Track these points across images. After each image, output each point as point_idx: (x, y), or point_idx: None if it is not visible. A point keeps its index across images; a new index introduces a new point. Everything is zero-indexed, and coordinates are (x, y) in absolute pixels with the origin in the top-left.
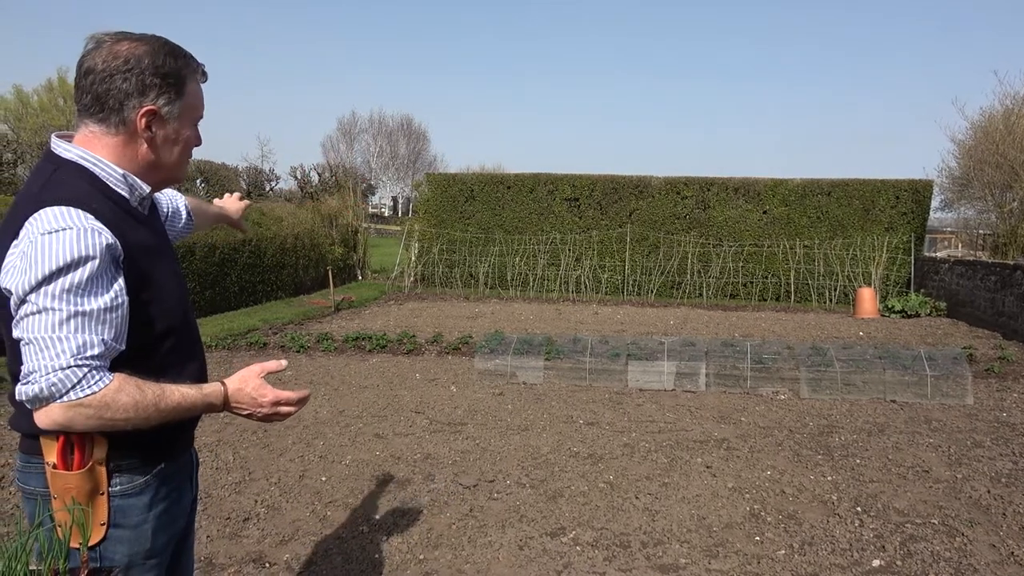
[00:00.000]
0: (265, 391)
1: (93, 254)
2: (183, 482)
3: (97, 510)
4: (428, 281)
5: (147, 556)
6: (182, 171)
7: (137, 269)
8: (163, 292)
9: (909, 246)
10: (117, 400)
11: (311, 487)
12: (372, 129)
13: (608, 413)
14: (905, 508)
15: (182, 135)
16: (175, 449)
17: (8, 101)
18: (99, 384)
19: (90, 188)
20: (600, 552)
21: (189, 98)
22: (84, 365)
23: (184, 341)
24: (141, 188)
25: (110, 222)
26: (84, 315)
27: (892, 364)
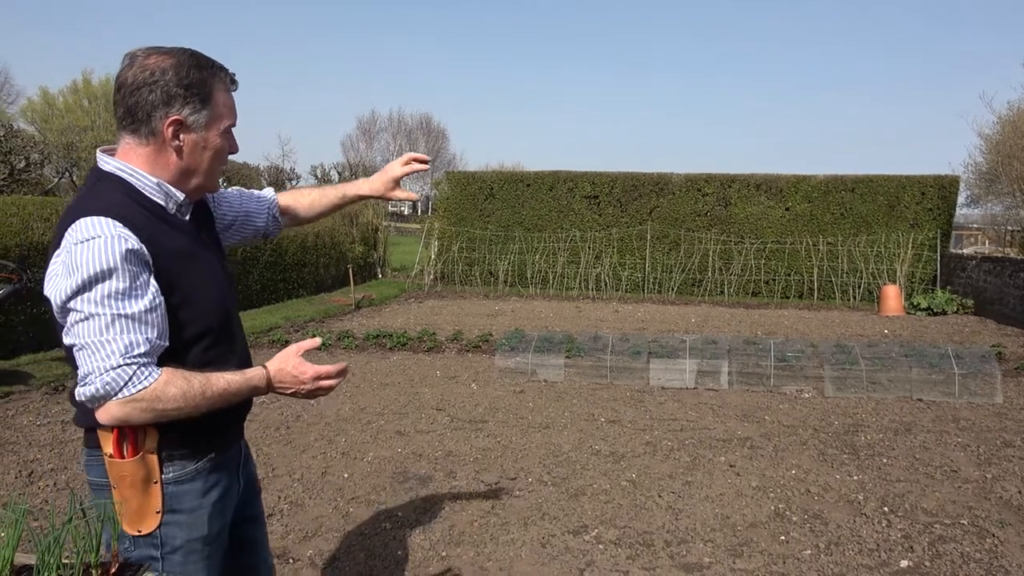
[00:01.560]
0: (305, 368)
1: (118, 262)
2: (232, 473)
3: (152, 498)
4: (448, 279)
5: (204, 542)
6: (214, 179)
7: (167, 273)
8: (196, 295)
9: (935, 243)
10: (166, 392)
11: (333, 484)
12: (392, 128)
13: (630, 411)
14: (933, 508)
15: (211, 142)
16: (224, 440)
17: (35, 103)
18: (149, 380)
19: (124, 198)
20: (623, 550)
21: (215, 107)
22: (132, 363)
23: (224, 339)
24: (176, 195)
25: (140, 229)
26: (127, 318)
27: (918, 362)
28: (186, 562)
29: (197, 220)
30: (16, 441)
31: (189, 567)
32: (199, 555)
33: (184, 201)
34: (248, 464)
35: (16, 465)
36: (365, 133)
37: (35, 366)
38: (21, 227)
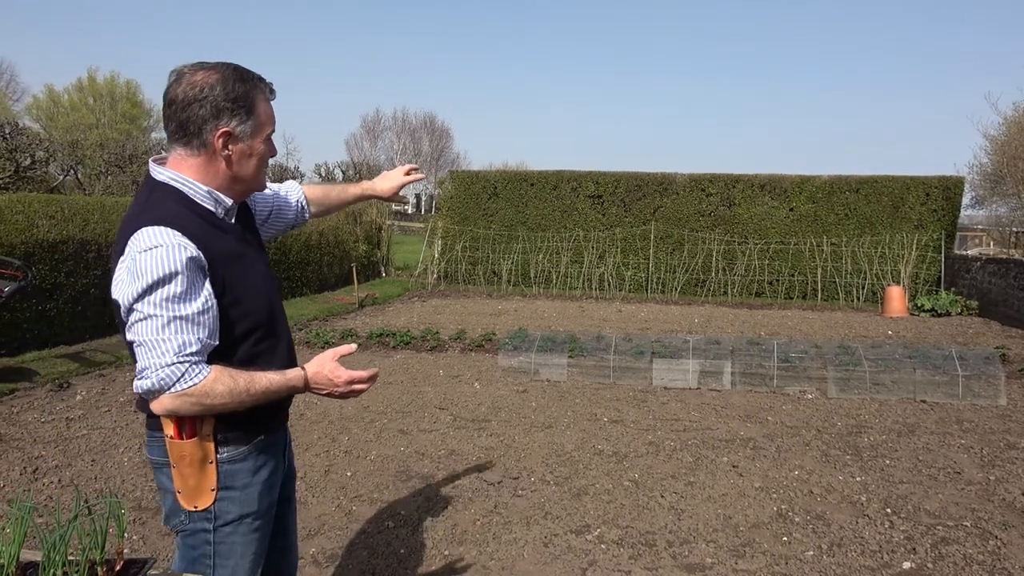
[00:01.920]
0: (340, 372)
1: (180, 268)
2: (278, 454)
3: (208, 477)
4: (451, 278)
5: (255, 517)
6: (260, 180)
7: (220, 276)
8: (246, 294)
9: (939, 244)
10: (214, 389)
11: (336, 482)
12: (396, 127)
13: (632, 411)
14: (936, 510)
15: (256, 149)
16: (272, 424)
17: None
18: (199, 377)
19: (179, 207)
20: (625, 550)
21: (259, 117)
22: (185, 361)
23: (271, 334)
24: (225, 201)
25: (196, 236)
26: (182, 319)
27: (922, 363)
28: (235, 533)
29: (241, 222)
30: (21, 438)
31: (238, 538)
32: (248, 528)
33: (231, 206)
34: (289, 448)
35: (21, 462)
36: (369, 132)
37: (40, 363)
38: (26, 224)
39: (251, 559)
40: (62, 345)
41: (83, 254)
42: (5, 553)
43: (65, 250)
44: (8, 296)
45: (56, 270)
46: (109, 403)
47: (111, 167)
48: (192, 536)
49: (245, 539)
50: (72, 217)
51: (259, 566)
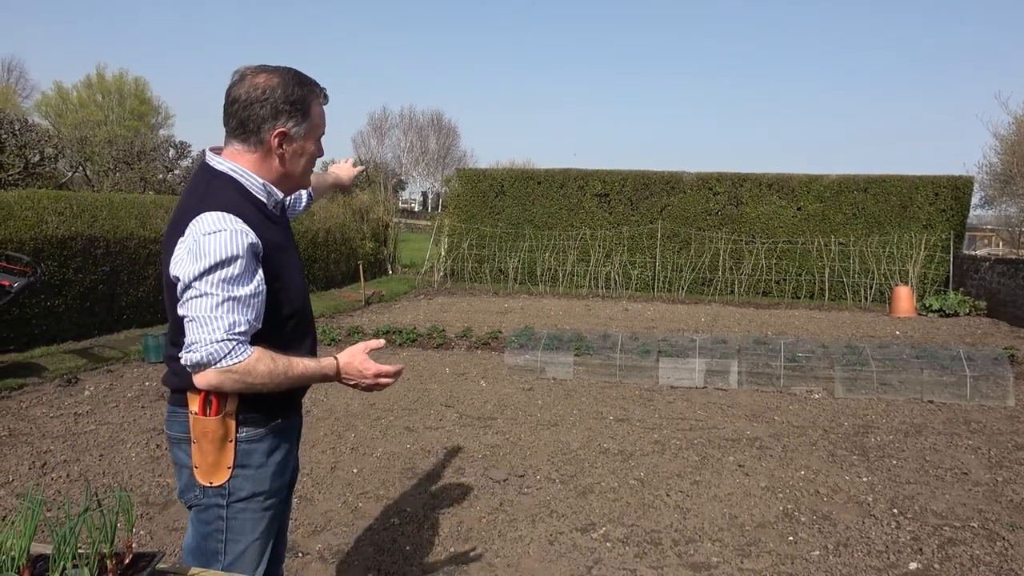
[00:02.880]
0: (369, 365)
1: (241, 252)
2: (293, 439)
3: (226, 454)
4: (457, 276)
5: (266, 496)
6: (307, 178)
7: (271, 263)
8: (290, 283)
9: (948, 244)
10: (256, 368)
11: (343, 478)
12: (403, 124)
13: (638, 410)
14: (943, 510)
15: (307, 150)
16: (289, 409)
17: (49, 97)
18: (244, 355)
19: (238, 196)
20: (631, 549)
21: (313, 119)
22: (233, 339)
23: (304, 321)
24: (276, 194)
25: (253, 224)
26: (235, 300)
27: (930, 364)
28: (246, 510)
29: (284, 214)
30: (30, 432)
31: (249, 516)
32: (259, 507)
33: (281, 199)
34: (300, 438)
35: (30, 456)
36: (376, 130)
37: (48, 359)
38: (36, 220)
39: (261, 540)
40: (70, 341)
41: (91, 250)
42: (16, 546)
43: (74, 246)
44: (17, 292)
45: (65, 266)
46: (117, 399)
47: (119, 164)
48: (206, 511)
49: (255, 516)
50: (81, 214)
51: (267, 547)
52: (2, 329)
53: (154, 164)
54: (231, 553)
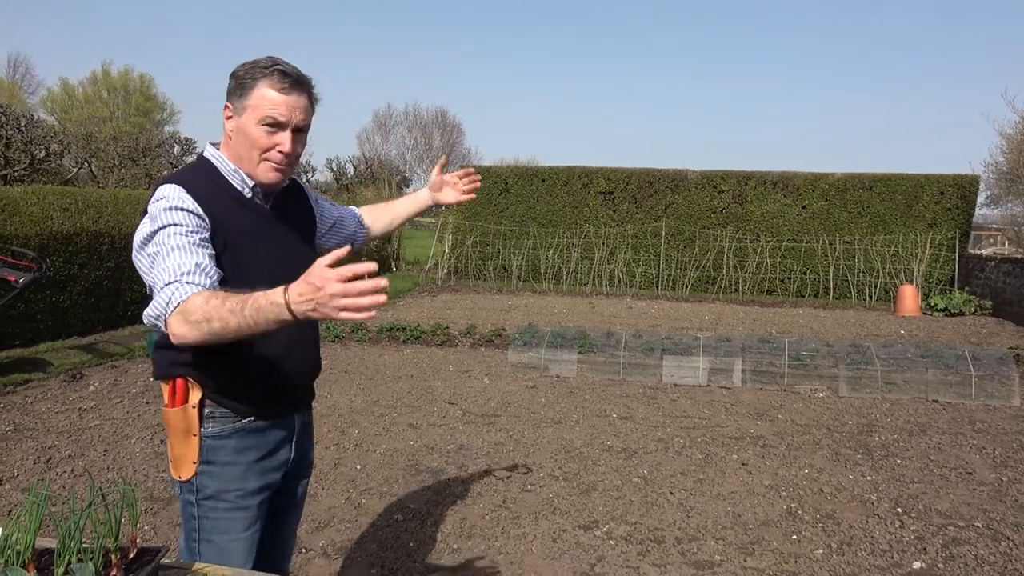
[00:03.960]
0: (327, 273)
1: (177, 214)
2: (281, 441)
3: (191, 449)
4: (461, 273)
5: (236, 495)
6: (261, 170)
7: (222, 241)
8: (246, 270)
9: (953, 243)
10: (193, 303)
11: (346, 475)
12: (407, 122)
13: (642, 408)
14: (947, 510)
15: (247, 131)
16: (268, 407)
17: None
18: (186, 294)
19: (199, 175)
20: (634, 546)
21: (250, 99)
22: (176, 281)
23: None
24: (247, 181)
25: (203, 199)
26: (179, 248)
27: (935, 363)
28: (216, 508)
29: (281, 210)
30: (34, 427)
31: (220, 514)
32: (230, 505)
33: (253, 186)
34: (304, 441)
35: (34, 451)
36: (381, 127)
37: (53, 354)
38: (41, 216)
39: (240, 543)
40: (75, 336)
41: (96, 246)
42: (22, 540)
43: (79, 242)
44: (23, 287)
45: (70, 262)
46: (121, 394)
47: (125, 160)
48: (184, 507)
49: (227, 516)
50: (86, 209)
51: (251, 552)
52: (7, 324)
53: (159, 160)
54: (205, 553)
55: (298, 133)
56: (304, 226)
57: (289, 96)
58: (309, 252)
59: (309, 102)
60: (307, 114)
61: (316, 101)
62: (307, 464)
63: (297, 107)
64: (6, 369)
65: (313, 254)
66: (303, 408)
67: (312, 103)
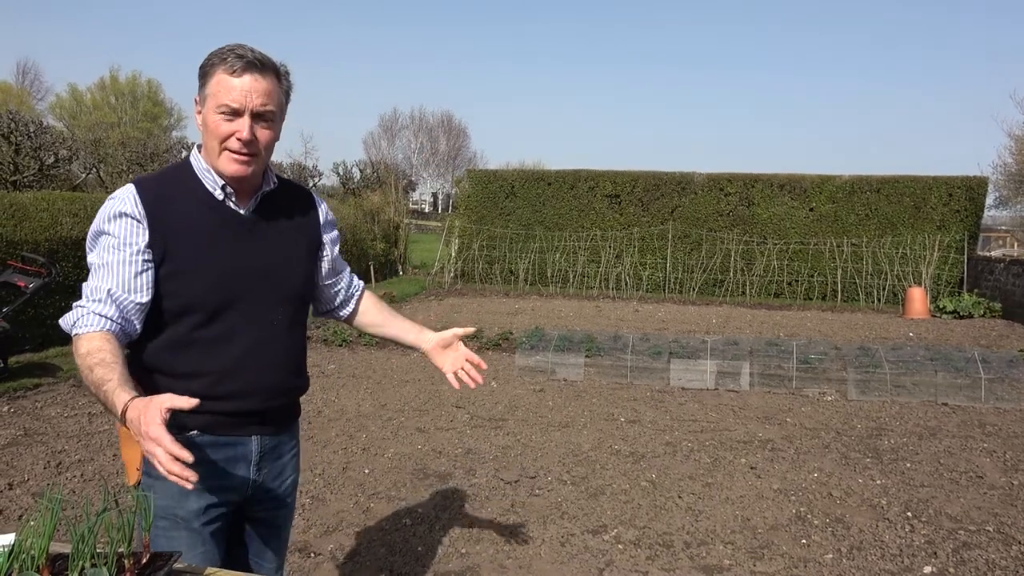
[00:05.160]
0: (151, 423)
1: (107, 221)
2: (231, 462)
3: (136, 453)
4: (468, 277)
5: (176, 513)
6: (218, 157)
7: (165, 243)
8: (192, 272)
9: (962, 245)
10: (79, 347)
11: (354, 479)
12: (413, 126)
13: (650, 411)
14: (958, 514)
15: (207, 121)
16: (213, 425)
17: (63, 99)
18: (85, 328)
19: (169, 174)
20: (643, 551)
21: (209, 86)
22: (84, 307)
23: (216, 324)
24: (215, 180)
25: (156, 200)
26: (103, 265)
27: (944, 366)
28: (157, 526)
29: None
30: (44, 432)
31: (159, 532)
32: (169, 523)
33: (225, 186)
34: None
35: (45, 455)
36: (387, 131)
37: (63, 359)
38: (50, 222)
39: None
40: None
41: None
42: (36, 545)
43: None
44: (32, 292)
45: (79, 267)
46: None
47: (133, 165)
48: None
49: (167, 534)
50: (94, 215)
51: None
52: (18, 329)
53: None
54: None
55: (260, 120)
56: (293, 241)
57: (243, 79)
58: (292, 269)
59: (272, 86)
60: (268, 98)
61: (285, 86)
62: (280, 493)
63: (254, 91)
64: (16, 374)
65: (296, 272)
66: (265, 430)
67: (279, 88)
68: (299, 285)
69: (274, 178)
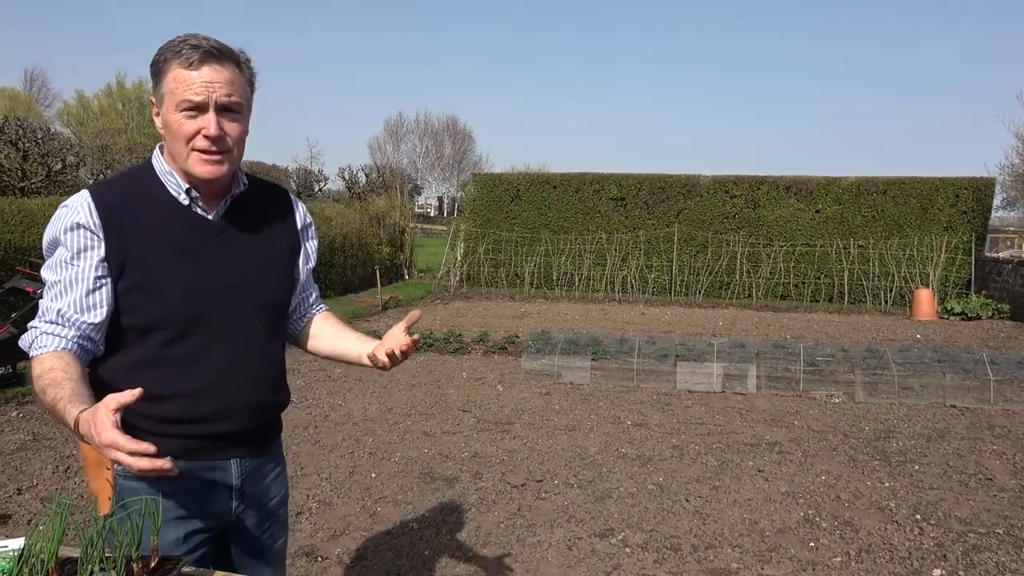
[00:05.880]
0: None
1: (62, 233)
2: (213, 487)
3: (105, 484)
4: (473, 280)
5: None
6: (187, 160)
7: (124, 254)
8: (158, 288)
9: (969, 246)
10: (33, 370)
11: (361, 483)
12: (418, 130)
13: (656, 414)
14: (967, 517)
15: (168, 122)
16: (188, 450)
17: (70, 106)
18: (39, 349)
19: (127, 179)
20: (650, 554)
21: (167, 84)
22: (36, 327)
23: (187, 340)
24: (178, 183)
25: (113, 208)
26: (57, 283)
27: (952, 368)
28: None
29: (237, 223)
30: (53, 437)
31: None
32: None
33: (190, 190)
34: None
35: (53, 460)
36: (392, 135)
37: None
38: None
39: None
40: None
41: None
42: (46, 549)
43: None
44: (41, 298)
45: None
46: None
47: None
48: None
49: None
50: None
51: None
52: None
53: None
54: None
55: (226, 112)
56: (268, 246)
57: (202, 70)
58: (267, 277)
59: (234, 75)
60: (232, 88)
61: (248, 75)
62: (265, 514)
63: (215, 81)
64: (25, 379)
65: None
66: (245, 452)
67: (242, 77)
68: (276, 293)
69: (244, 179)
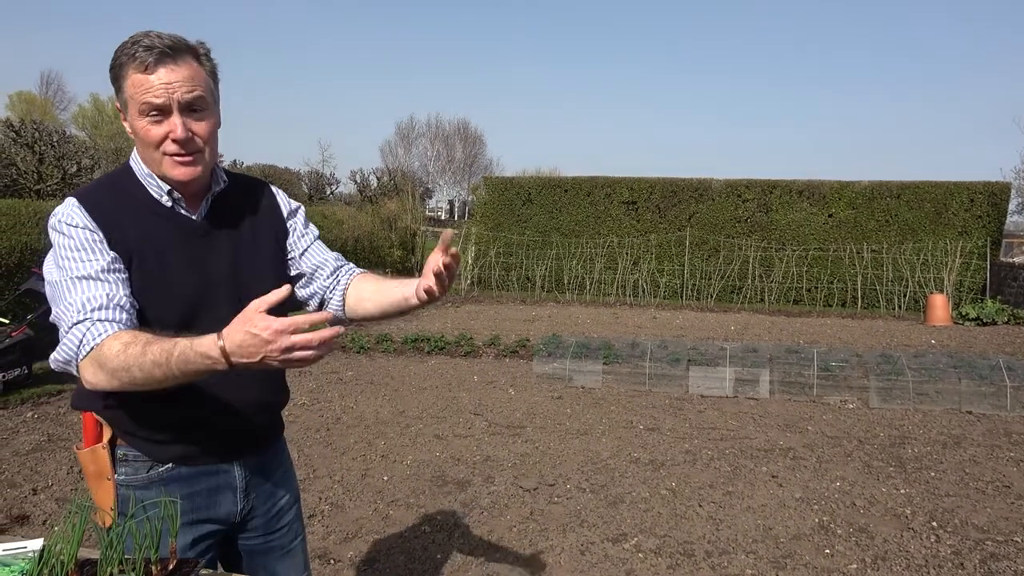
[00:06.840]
0: (276, 324)
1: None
2: (214, 492)
3: (106, 495)
4: (485, 284)
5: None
6: (160, 164)
7: (128, 261)
8: (152, 293)
9: (984, 251)
10: (110, 349)
11: (373, 486)
12: (429, 133)
13: (669, 419)
14: (985, 524)
15: (135, 128)
16: (193, 455)
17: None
18: (100, 337)
19: (110, 184)
20: (663, 560)
21: (127, 90)
22: (87, 319)
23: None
24: (159, 186)
25: (104, 211)
26: (84, 278)
27: (968, 373)
28: None
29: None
30: (68, 438)
31: None
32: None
33: (172, 191)
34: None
35: (68, 461)
36: (404, 138)
37: None
38: None
39: None
40: None
41: None
42: (66, 551)
43: None
44: None
45: None
46: None
47: None
48: None
49: None
50: None
51: None
52: (42, 336)
53: None
54: None
55: (191, 111)
56: (255, 240)
57: (159, 72)
58: (257, 272)
59: (192, 70)
60: (193, 84)
61: (209, 66)
62: (274, 515)
63: (175, 81)
64: (40, 380)
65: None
66: (248, 453)
67: (202, 69)
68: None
69: (223, 176)
